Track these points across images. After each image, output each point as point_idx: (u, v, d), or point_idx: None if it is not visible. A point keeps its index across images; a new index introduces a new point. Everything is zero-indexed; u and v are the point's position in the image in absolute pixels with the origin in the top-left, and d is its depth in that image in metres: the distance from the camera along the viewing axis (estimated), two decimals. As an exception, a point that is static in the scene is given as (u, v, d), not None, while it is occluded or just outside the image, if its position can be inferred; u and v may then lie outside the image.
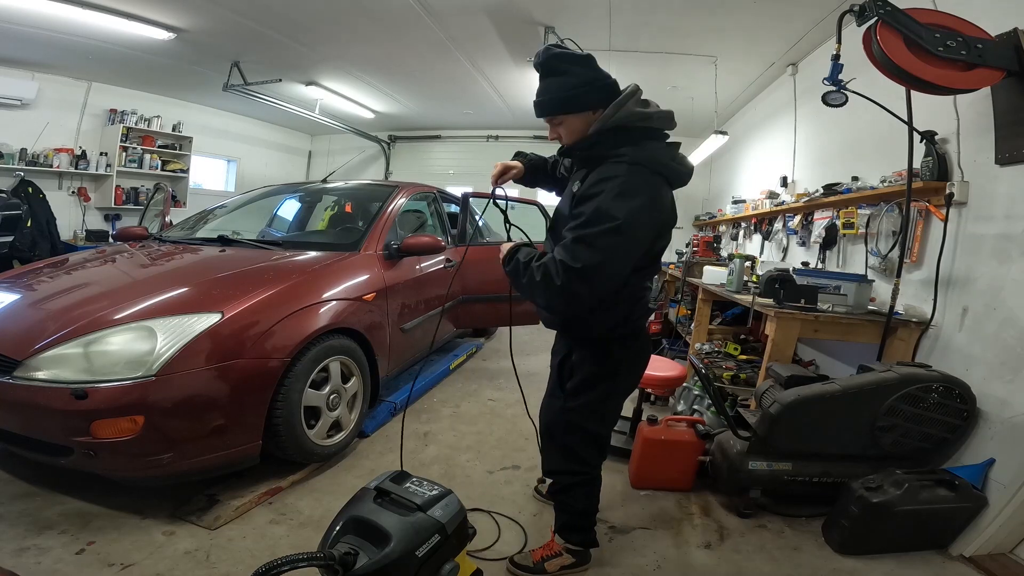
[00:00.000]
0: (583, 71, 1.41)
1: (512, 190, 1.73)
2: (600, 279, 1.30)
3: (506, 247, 1.50)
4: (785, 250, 4.22)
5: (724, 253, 4.92)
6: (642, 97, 1.44)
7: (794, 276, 2.77)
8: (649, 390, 2.98)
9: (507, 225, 1.65)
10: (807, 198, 3.54)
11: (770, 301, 2.61)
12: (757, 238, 4.87)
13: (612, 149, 1.39)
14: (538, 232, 1.92)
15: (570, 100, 1.41)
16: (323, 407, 2.19)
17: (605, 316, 1.49)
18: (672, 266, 5.13)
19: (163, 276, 2.31)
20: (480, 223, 4.59)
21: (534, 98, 1.47)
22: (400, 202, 3.15)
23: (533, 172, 1.76)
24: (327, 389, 2.20)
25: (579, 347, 1.60)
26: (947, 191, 2.30)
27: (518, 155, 1.78)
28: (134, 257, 2.59)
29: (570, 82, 1.40)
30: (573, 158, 1.56)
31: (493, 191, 1.64)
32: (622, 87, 1.45)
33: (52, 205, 5.67)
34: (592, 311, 1.44)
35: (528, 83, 5.61)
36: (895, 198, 2.62)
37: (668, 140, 1.48)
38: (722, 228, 6.25)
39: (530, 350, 4.14)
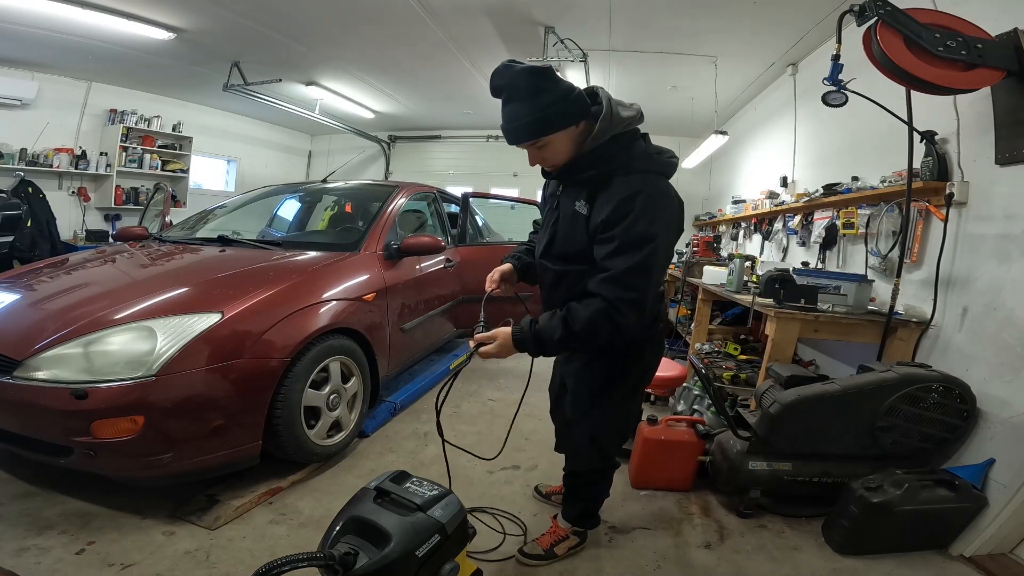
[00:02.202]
0: (555, 84, 1.28)
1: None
2: (650, 297, 1.31)
3: (506, 338, 1.35)
4: (785, 250, 4.22)
5: (724, 253, 4.92)
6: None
7: (794, 276, 2.76)
8: (649, 390, 2.98)
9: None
10: (807, 198, 3.54)
11: (770, 301, 2.61)
12: (757, 238, 4.87)
13: (611, 163, 1.33)
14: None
15: (556, 117, 1.28)
16: (323, 407, 2.19)
17: (643, 320, 1.45)
18: (672, 266, 5.13)
19: (163, 276, 2.30)
20: (480, 223, 4.60)
21: (504, 124, 1.33)
22: (400, 202, 3.15)
23: (524, 270, 1.71)
24: (327, 389, 2.20)
25: (622, 353, 1.51)
26: (947, 191, 2.30)
27: (506, 259, 1.74)
28: (134, 257, 2.59)
29: (548, 98, 1.26)
30: (568, 182, 1.43)
31: (486, 296, 1.64)
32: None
33: (52, 205, 5.68)
34: None
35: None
36: (895, 198, 2.62)
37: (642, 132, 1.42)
38: (722, 228, 6.25)
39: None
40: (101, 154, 6.36)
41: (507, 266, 1.69)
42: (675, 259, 5.18)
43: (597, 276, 1.29)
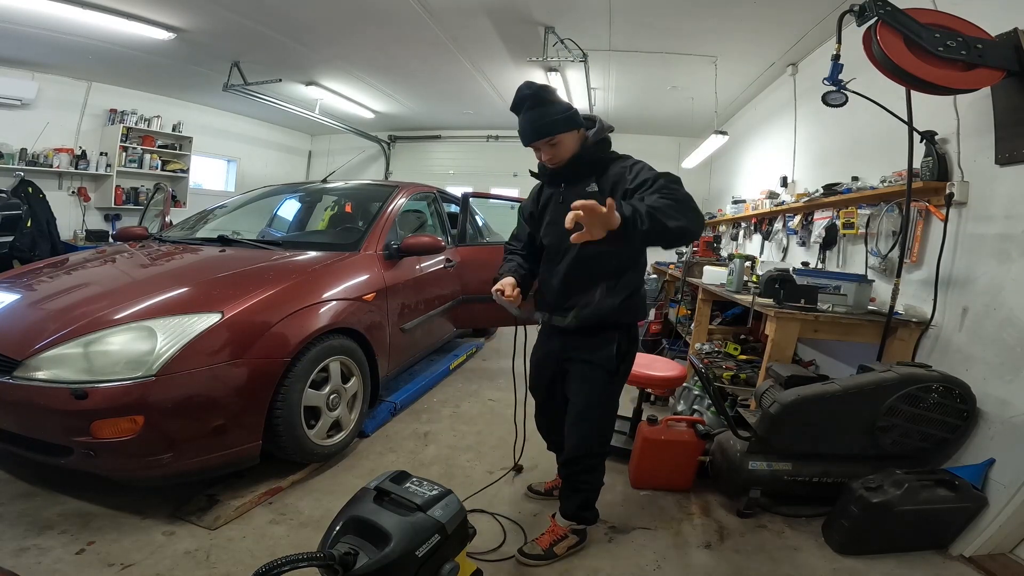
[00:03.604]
0: (562, 99, 1.67)
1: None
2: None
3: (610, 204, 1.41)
4: (785, 250, 4.22)
5: (724, 253, 4.92)
6: None
7: (794, 276, 2.76)
8: (649, 390, 2.98)
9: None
10: (807, 198, 3.54)
11: (770, 301, 2.61)
12: (757, 238, 4.87)
13: (605, 152, 1.69)
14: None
15: (569, 120, 1.62)
16: (323, 407, 2.19)
17: (636, 302, 1.71)
18: (672, 266, 5.14)
19: (163, 276, 2.30)
20: (480, 223, 4.60)
21: (526, 126, 1.62)
22: (400, 202, 3.15)
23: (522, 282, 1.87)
24: (327, 389, 2.20)
25: (622, 334, 1.71)
26: (947, 191, 2.30)
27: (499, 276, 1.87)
28: (134, 257, 2.59)
29: (561, 107, 1.62)
30: (578, 169, 1.68)
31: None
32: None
33: (52, 205, 5.66)
34: (631, 298, 1.68)
35: (528, 83, 5.61)
36: (895, 198, 2.62)
37: None
38: (722, 228, 6.25)
39: (530, 349, 4.14)
40: (101, 154, 6.36)
41: (511, 280, 1.80)
42: (675, 259, 5.19)
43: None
